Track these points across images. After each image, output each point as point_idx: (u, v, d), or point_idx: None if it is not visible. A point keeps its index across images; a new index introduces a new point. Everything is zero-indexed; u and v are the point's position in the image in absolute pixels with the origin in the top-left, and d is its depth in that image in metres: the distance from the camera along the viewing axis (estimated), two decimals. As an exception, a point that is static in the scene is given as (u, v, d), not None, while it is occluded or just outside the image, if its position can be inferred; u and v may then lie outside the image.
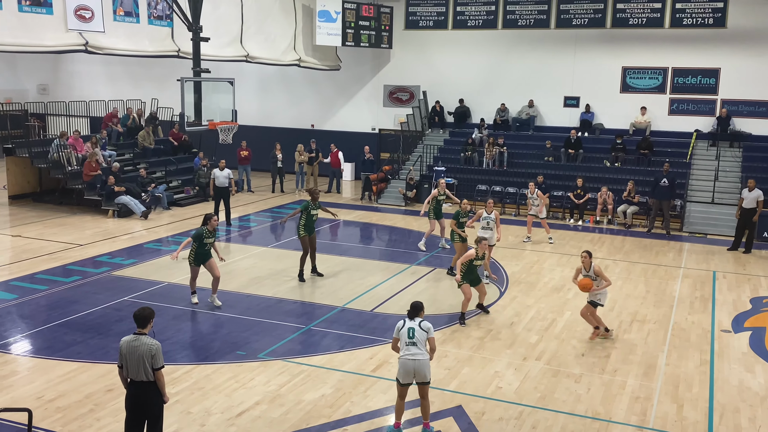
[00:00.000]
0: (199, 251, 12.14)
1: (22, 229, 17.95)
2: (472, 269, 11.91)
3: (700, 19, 22.97)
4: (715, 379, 10.03)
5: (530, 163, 23.30)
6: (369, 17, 25.67)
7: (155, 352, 6.96)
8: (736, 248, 17.88)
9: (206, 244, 12.15)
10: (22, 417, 7.20)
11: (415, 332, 8.02)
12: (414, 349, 7.99)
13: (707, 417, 8.87)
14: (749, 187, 17.75)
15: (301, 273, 14.17)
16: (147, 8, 20.69)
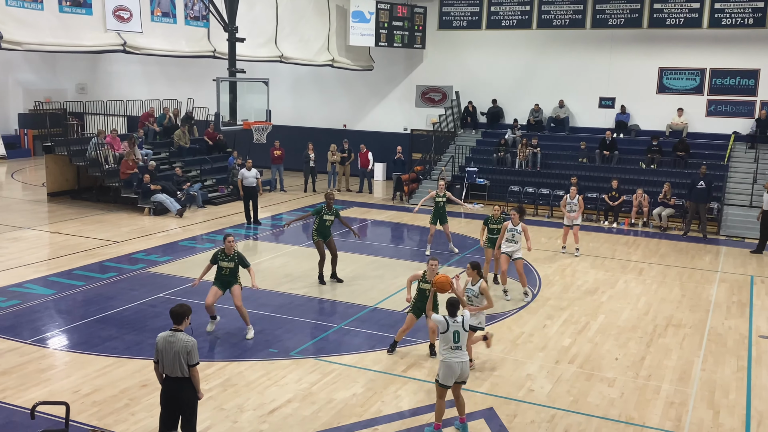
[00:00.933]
0: (217, 275, 10.95)
1: (60, 226, 18.27)
2: (422, 294, 10.15)
3: (739, 19, 22.55)
4: (752, 385, 9.83)
5: (564, 164, 23.10)
6: (402, 17, 25.67)
7: (191, 348, 7.03)
8: (760, 251, 17.64)
9: (223, 268, 10.84)
10: (59, 410, 7.33)
11: (459, 336, 8.06)
12: (460, 352, 8.05)
13: (744, 424, 8.70)
14: (767, 189, 17.62)
15: (321, 276, 13.90)
16: (184, 9, 20.93)
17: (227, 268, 10.85)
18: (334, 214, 13.75)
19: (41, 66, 32.75)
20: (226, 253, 10.83)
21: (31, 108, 31.86)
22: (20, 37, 16.61)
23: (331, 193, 14.13)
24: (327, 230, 13.73)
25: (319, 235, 13.68)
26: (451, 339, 8.02)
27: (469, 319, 8.28)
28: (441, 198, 16.06)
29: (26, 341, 10.60)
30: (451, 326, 8.05)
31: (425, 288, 10.02)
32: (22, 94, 32.08)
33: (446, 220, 16.23)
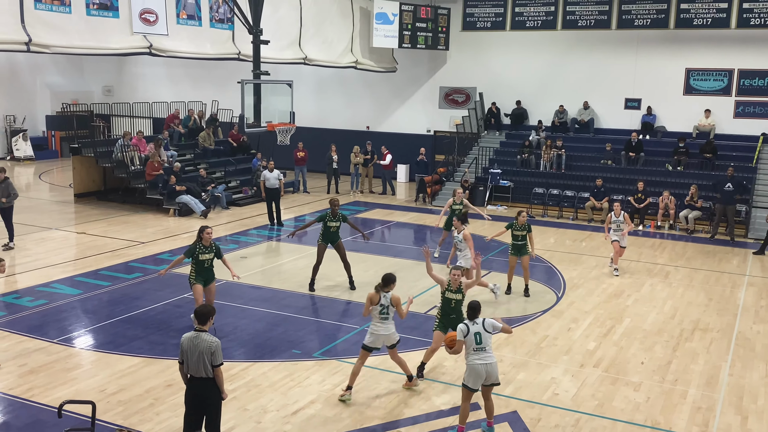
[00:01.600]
0: (198, 268, 10.85)
1: (87, 227, 18.49)
2: (447, 305, 9.55)
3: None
4: (781, 391, 9.68)
5: (589, 166, 22.93)
6: (426, 19, 25.65)
7: (215, 349, 7.07)
8: (762, 252, 17.54)
9: (203, 261, 10.80)
10: (86, 409, 7.41)
11: (481, 337, 8.03)
12: (484, 353, 8.02)
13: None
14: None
15: (312, 282, 13.55)
16: (209, 12, 21.09)
17: (208, 259, 10.87)
18: (339, 219, 13.56)
19: (68, 68, 33.18)
20: (204, 244, 10.83)
21: (59, 110, 32.33)
22: (48, 40, 16.85)
23: (335, 199, 13.89)
24: (333, 235, 13.54)
25: (324, 239, 13.53)
26: (473, 341, 8.01)
27: (490, 322, 8.21)
28: (458, 206, 15.50)
29: (53, 341, 10.74)
30: (471, 329, 8.04)
31: (451, 298, 9.48)
32: (49, 97, 32.52)
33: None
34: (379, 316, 8.96)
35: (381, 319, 8.97)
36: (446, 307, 9.56)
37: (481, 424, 8.34)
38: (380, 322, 8.99)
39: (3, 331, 10.96)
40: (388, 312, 8.97)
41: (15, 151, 29.98)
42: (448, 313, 9.53)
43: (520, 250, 13.49)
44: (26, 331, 11.03)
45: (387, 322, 9.01)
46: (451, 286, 9.49)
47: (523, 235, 13.48)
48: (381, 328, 9.00)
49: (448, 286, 9.53)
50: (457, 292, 9.47)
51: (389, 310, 8.98)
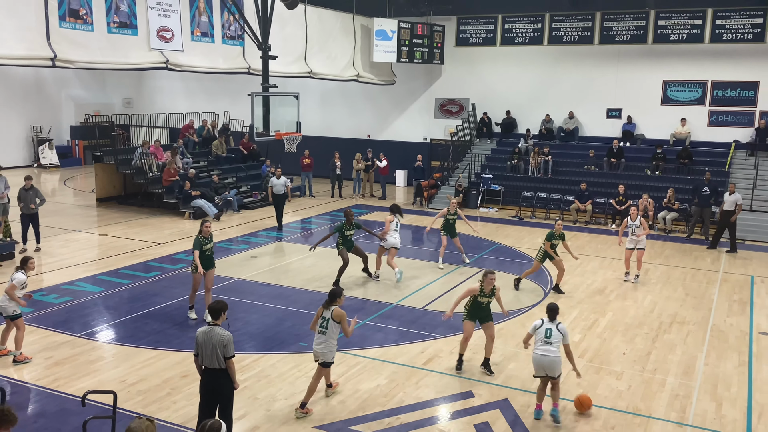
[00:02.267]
0: (201, 257, 11.34)
1: (108, 229, 18.48)
2: (478, 306, 9.59)
3: (739, 35, 22.27)
4: (753, 379, 9.67)
5: (574, 171, 22.93)
6: (422, 35, 25.66)
7: (227, 342, 7.07)
8: (714, 247, 17.74)
9: (206, 250, 11.39)
10: (107, 398, 7.40)
11: (552, 333, 8.22)
12: (548, 347, 8.18)
13: (746, 416, 8.56)
14: (729, 191, 17.59)
15: (338, 281, 13.61)
16: (221, 29, 21.11)
17: (209, 248, 11.49)
18: (354, 227, 13.83)
19: (91, 82, 33.19)
20: (205, 236, 11.37)
21: (82, 121, 32.34)
22: (72, 56, 16.87)
23: (349, 210, 14.02)
24: (350, 242, 13.89)
25: (345, 245, 13.81)
26: (543, 334, 8.25)
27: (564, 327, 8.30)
28: (452, 216, 15.36)
29: (77, 335, 10.74)
30: (545, 324, 8.29)
31: (483, 301, 9.48)
32: (73, 108, 32.53)
33: (455, 234, 15.48)
34: (318, 329, 8.29)
35: (318, 332, 8.26)
36: (477, 307, 9.54)
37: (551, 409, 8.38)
38: (317, 336, 8.29)
39: (31, 326, 10.95)
40: (326, 326, 8.18)
41: (41, 158, 29.98)
42: (479, 309, 9.55)
43: (552, 256, 13.50)
44: (52, 326, 11.03)
45: (322, 336, 8.20)
46: (484, 291, 9.42)
47: (557, 244, 13.52)
48: (315, 342, 8.32)
49: (481, 292, 9.43)
50: (491, 295, 9.48)
51: (328, 324, 8.18)
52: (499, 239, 18.42)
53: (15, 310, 9.66)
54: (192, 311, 11.65)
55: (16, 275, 9.67)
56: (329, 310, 8.25)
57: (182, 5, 19.51)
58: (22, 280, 9.67)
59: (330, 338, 8.21)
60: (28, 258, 9.93)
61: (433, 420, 8.28)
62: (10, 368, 9.43)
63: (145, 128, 28.51)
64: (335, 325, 8.21)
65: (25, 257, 9.98)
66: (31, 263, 9.88)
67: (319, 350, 8.26)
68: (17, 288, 9.60)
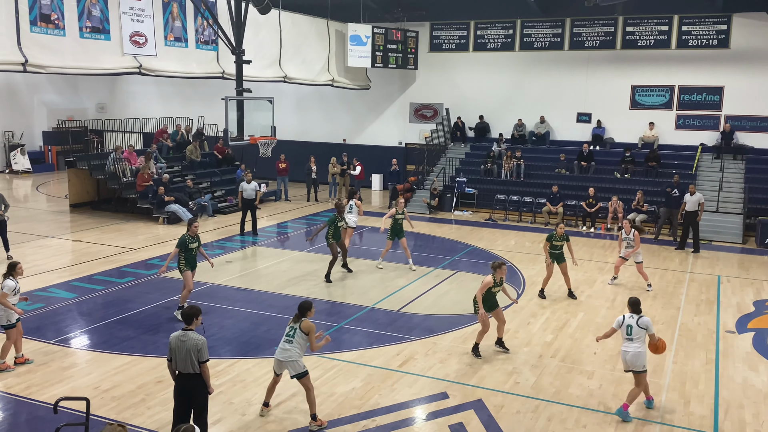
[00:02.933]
0: (187, 257, 11.60)
1: (82, 235, 18.22)
2: (490, 296, 10.29)
3: (704, 41, 22.69)
4: (720, 376, 9.83)
5: (545, 174, 23.14)
6: (396, 41, 25.72)
7: (201, 346, 7.01)
8: (682, 248, 17.97)
9: (192, 249, 11.61)
10: (80, 405, 7.29)
11: (632, 330, 8.43)
12: (630, 343, 8.42)
13: (713, 412, 8.69)
14: (690, 192, 17.80)
15: (329, 275, 14.25)
16: (195, 34, 20.93)
17: (195, 248, 11.69)
18: (344, 219, 14.71)
19: (64, 87, 32.72)
20: (192, 235, 11.61)
21: (55, 126, 31.87)
22: (44, 61, 16.59)
23: (340, 202, 15.09)
24: (341, 233, 14.52)
25: (335, 238, 14.29)
26: (624, 331, 8.49)
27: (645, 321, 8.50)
28: (401, 215, 15.38)
29: (50, 341, 10.56)
30: (626, 320, 8.53)
31: (495, 291, 10.31)
32: (46, 114, 32.04)
33: (403, 235, 15.44)
34: (284, 338, 8.07)
35: (284, 341, 8.05)
36: (490, 297, 10.27)
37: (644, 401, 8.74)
38: (282, 344, 8.07)
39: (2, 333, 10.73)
40: (293, 336, 7.97)
41: (13, 164, 29.47)
42: (491, 299, 10.30)
43: (558, 258, 13.40)
44: (25, 333, 10.74)
45: (287, 345, 7.98)
46: (497, 281, 10.23)
47: (561, 245, 13.38)
48: (278, 351, 8.08)
49: (495, 283, 10.21)
50: (501, 284, 10.33)
51: (295, 334, 7.96)
52: (473, 242, 18.51)
53: (9, 319, 9.37)
54: (179, 312, 11.56)
55: (5, 282, 9.35)
56: (298, 321, 8.08)
57: (155, 10, 19.32)
58: (12, 287, 9.36)
59: (295, 348, 7.96)
60: (15, 263, 9.59)
61: (408, 422, 8.29)
62: (-20, 376, 9.24)
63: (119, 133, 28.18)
64: (303, 336, 7.99)
65: (12, 263, 9.61)
66: (20, 268, 9.59)
67: (282, 358, 7.99)
68: (9, 295, 9.31)
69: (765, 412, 8.74)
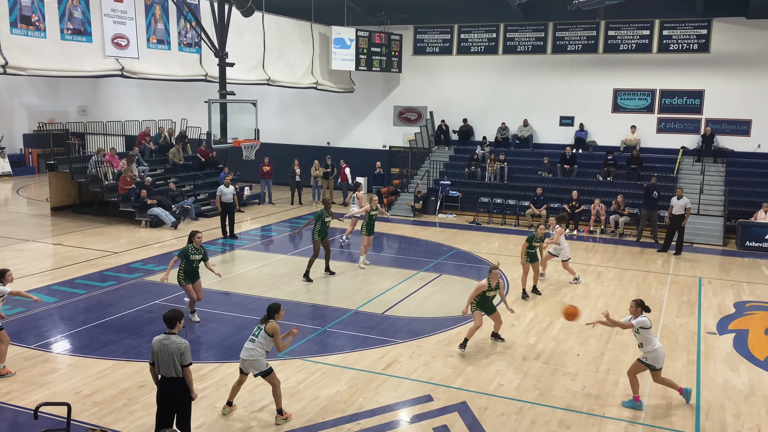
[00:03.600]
0: (187, 269, 11.34)
1: (63, 238, 18.04)
2: (486, 299, 10.60)
3: (685, 45, 22.95)
4: (701, 377, 9.92)
5: (529, 177, 23.27)
6: (380, 44, 25.76)
7: (184, 350, 6.97)
8: (665, 250, 18.14)
9: (193, 261, 11.31)
10: (61, 411, 7.20)
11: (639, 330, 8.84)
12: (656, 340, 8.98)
13: (695, 413, 8.77)
14: (677, 196, 17.97)
15: (307, 273, 14.36)
16: (177, 36, 20.82)
17: (197, 260, 11.40)
18: (331, 215, 14.80)
19: (45, 89, 32.39)
20: (195, 246, 11.38)
21: (36, 128, 31.48)
22: (25, 63, 16.42)
23: (327, 198, 15.34)
24: (327, 231, 14.60)
25: (320, 235, 14.39)
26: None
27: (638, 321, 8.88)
28: (374, 211, 15.87)
29: (30, 346, 10.44)
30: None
31: (490, 295, 10.55)
32: (27, 116, 31.70)
33: (373, 232, 15.91)
34: (249, 337, 8.22)
35: (249, 339, 8.20)
36: (486, 300, 10.58)
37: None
38: (246, 343, 8.21)
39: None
40: (257, 336, 8.12)
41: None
42: (486, 302, 10.61)
43: (533, 258, 13.69)
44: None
45: (250, 344, 8.11)
46: (491, 285, 10.45)
47: (537, 246, 13.79)
48: (243, 350, 8.20)
49: (489, 287, 10.46)
50: (496, 288, 10.55)
51: (259, 334, 8.10)
52: (458, 244, 18.55)
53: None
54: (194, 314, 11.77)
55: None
56: (264, 322, 8.21)
57: (138, 12, 19.19)
58: (4, 292, 9.26)
59: (257, 347, 8.06)
60: (5, 271, 9.45)
61: (393, 424, 8.28)
62: (-41, 382, 9.11)
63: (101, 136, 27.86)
64: (267, 337, 8.09)
65: (2, 270, 9.48)
66: (9, 275, 9.44)
67: (245, 357, 8.12)
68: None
69: (746, 412, 8.83)
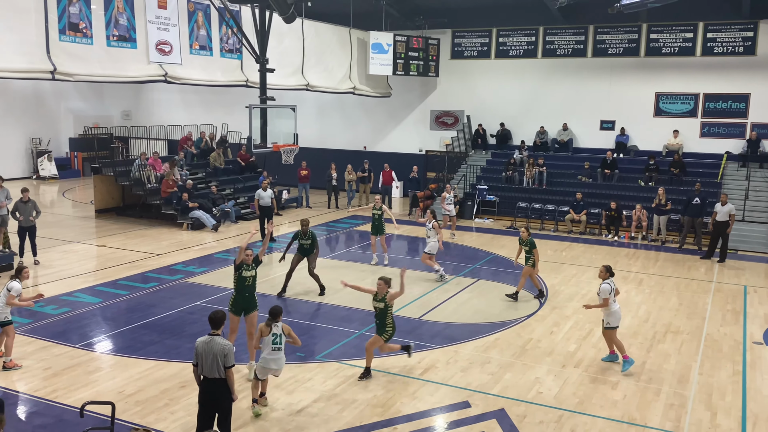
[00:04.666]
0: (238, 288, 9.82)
1: (107, 240, 18.44)
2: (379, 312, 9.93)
3: (730, 48, 22.44)
4: (747, 388, 9.67)
5: (568, 182, 23.00)
6: (418, 48, 25.77)
7: (227, 351, 7.05)
8: (709, 257, 17.77)
9: (246, 278, 9.78)
10: (106, 409, 7.36)
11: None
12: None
13: (740, 425, 8.55)
14: (722, 202, 17.59)
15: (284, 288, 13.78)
16: (219, 42, 21.15)
17: (250, 277, 9.85)
18: (309, 238, 13.63)
19: (90, 95, 33.20)
20: (246, 263, 9.83)
21: (81, 133, 32.33)
22: (72, 69, 16.86)
23: (306, 219, 13.87)
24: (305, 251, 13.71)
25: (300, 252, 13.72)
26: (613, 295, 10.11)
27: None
28: (377, 211, 16.17)
29: (75, 346, 10.69)
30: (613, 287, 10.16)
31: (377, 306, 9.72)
32: (72, 120, 32.52)
33: (382, 231, 16.31)
34: (272, 346, 8.30)
35: (274, 349, 8.31)
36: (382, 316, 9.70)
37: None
38: (273, 353, 8.32)
39: (29, 337, 10.91)
40: (280, 341, 8.34)
41: (40, 170, 29.94)
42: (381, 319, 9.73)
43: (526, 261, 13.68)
44: (50, 337, 10.98)
45: (279, 353, 8.37)
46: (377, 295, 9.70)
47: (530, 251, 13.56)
48: (271, 361, 8.35)
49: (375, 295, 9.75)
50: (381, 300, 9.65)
51: (281, 339, 8.35)
52: (495, 250, 18.43)
53: (6, 316, 9.80)
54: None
55: (12, 285, 9.82)
56: (277, 326, 8.34)
57: (181, 19, 19.56)
58: (19, 289, 9.83)
59: (283, 352, 8.45)
60: (22, 267, 10.07)
61: (430, 430, 8.26)
62: (8, 379, 9.37)
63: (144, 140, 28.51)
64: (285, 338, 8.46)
65: (20, 267, 10.10)
66: (26, 272, 10.06)
67: (279, 366, 8.47)
68: (14, 297, 9.77)
69: (794, 425, 8.58)
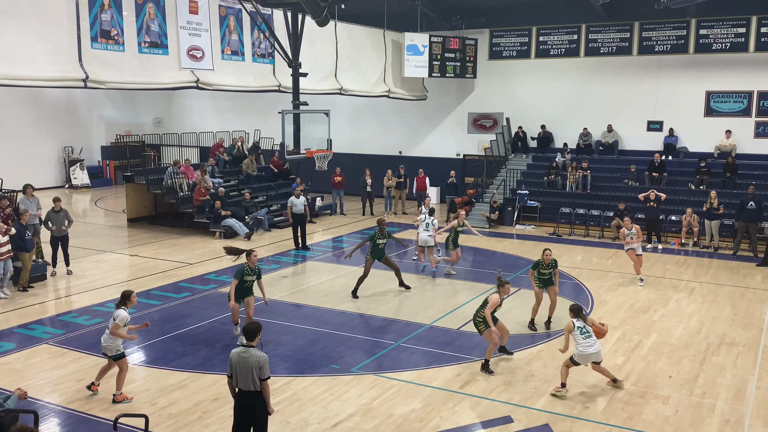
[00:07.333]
0: (239, 287, 11.41)
1: (139, 249, 18.77)
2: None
3: (786, 42, 21.90)
4: (810, 404, 9.38)
5: (613, 186, 22.67)
6: (454, 49, 25.72)
7: (263, 363, 7.10)
8: (766, 264, 17.35)
9: (246, 281, 11.40)
10: (139, 422, 7.47)
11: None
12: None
13: (803, 443, 8.30)
14: None
15: (356, 290, 14.31)
16: (251, 47, 21.41)
17: (250, 281, 11.50)
18: (386, 236, 14.47)
19: (122, 102, 33.92)
20: (251, 266, 11.43)
21: (113, 141, 33.03)
22: (104, 77, 17.23)
23: (382, 218, 14.90)
24: (381, 252, 14.43)
25: (373, 255, 14.35)
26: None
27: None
28: (461, 227, 16.16)
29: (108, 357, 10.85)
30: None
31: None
32: (104, 128, 33.27)
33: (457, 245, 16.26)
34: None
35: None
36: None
37: None
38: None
39: (62, 348, 11.15)
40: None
41: (73, 179, 30.67)
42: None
43: (547, 283, 12.60)
44: (83, 348, 11.20)
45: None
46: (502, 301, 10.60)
47: (549, 273, 12.52)
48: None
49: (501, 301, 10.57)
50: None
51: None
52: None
53: (118, 349, 9.30)
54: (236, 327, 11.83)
55: (118, 313, 9.24)
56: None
57: (212, 24, 19.86)
58: (125, 318, 9.23)
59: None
60: (129, 292, 9.46)
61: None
62: (41, 392, 9.58)
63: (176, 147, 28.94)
64: None
65: (127, 291, 9.47)
66: (134, 297, 9.51)
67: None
68: (120, 327, 9.18)
69: None
